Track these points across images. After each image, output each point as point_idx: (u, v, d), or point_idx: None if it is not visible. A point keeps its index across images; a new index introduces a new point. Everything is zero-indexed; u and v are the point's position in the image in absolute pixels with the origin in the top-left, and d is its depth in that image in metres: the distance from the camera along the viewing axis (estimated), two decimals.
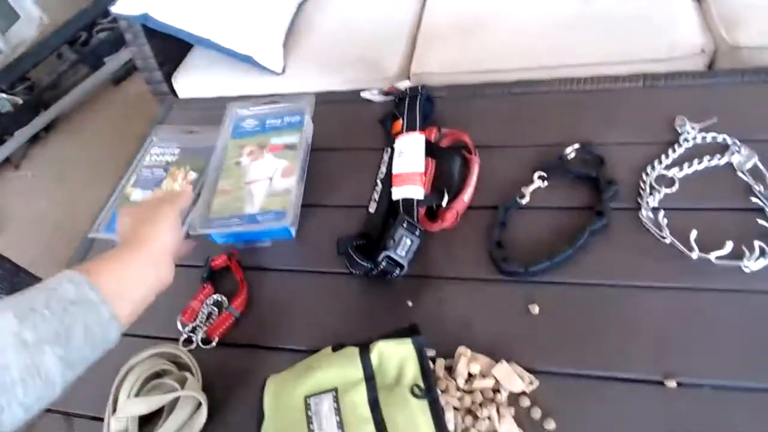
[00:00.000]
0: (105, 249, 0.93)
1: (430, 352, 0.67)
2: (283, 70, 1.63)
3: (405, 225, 0.74)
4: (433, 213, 0.80)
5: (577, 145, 0.81)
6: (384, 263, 0.74)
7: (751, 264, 0.65)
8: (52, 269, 0.54)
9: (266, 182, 0.88)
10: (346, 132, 0.99)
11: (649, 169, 0.77)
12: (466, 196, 0.80)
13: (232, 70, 1.65)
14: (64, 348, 0.48)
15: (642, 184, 0.76)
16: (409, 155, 0.80)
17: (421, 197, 0.79)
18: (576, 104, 0.90)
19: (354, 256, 0.75)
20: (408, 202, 0.80)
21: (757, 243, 0.66)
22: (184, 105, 1.18)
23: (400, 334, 0.65)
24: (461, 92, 0.99)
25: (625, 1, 1.46)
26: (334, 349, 0.66)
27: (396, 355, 0.63)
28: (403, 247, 0.73)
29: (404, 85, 0.94)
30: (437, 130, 0.89)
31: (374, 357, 0.62)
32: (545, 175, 0.81)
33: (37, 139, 2.67)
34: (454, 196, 0.80)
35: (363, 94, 1.02)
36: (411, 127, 0.79)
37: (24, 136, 2.56)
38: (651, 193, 0.75)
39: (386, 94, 1.00)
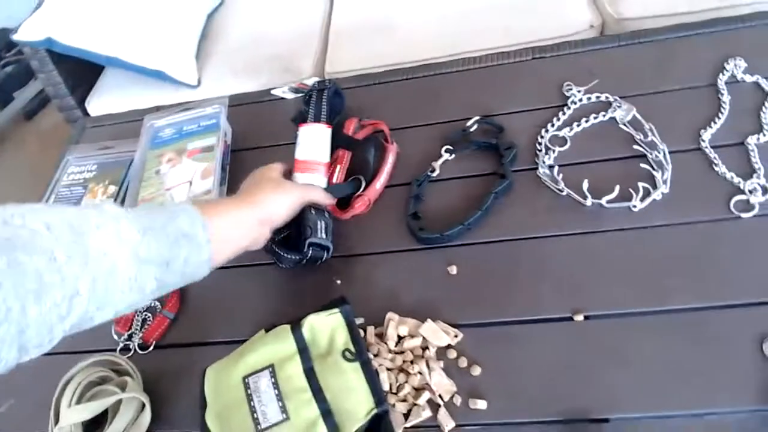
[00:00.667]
0: None
1: (360, 321, 0.71)
2: (199, 82, 1.63)
3: (312, 211, 0.76)
4: (346, 202, 0.84)
5: (477, 117, 0.87)
6: (311, 251, 0.76)
7: (638, 203, 0.72)
8: None
9: (186, 186, 0.90)
10: (262, 131, 1.02)
11: (543, 132, 0.84)
12: (379, 183, 0.84)
13: (146, 88, 1.64)
14: (164, 272, 0.53)
15: (538, 146, 0.83)
16: (312, 144, 0.82)
17: (323, 185, 0.81)
18: (475, 81, 0.96)
19: (279, 252, 0.76)
20: None
21: (641, 185, 0.73)
22: (98, 123, 1.17)
23: (329, 307, 0.68)
24: (369, 80, 1.03)
25: None
26: (267, 331, 0.68)
27: (327, 326, 0.66)
28: (321, 230, 0.76)
29: (312, 81, 0.98)
30: (357, 120, 0.93)
31: (306, 330, 0.65)
32: (452, 148, 0.86)
33: None
34: (367, 184, 0.84)
35: (274, 92, 1.05)
36: (316, 119, 0.83)
37: None
38: (546, 153, 0.81)
39: (296, 91, 1.03)
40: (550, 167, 0.79)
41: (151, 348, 0.79)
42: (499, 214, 0.78)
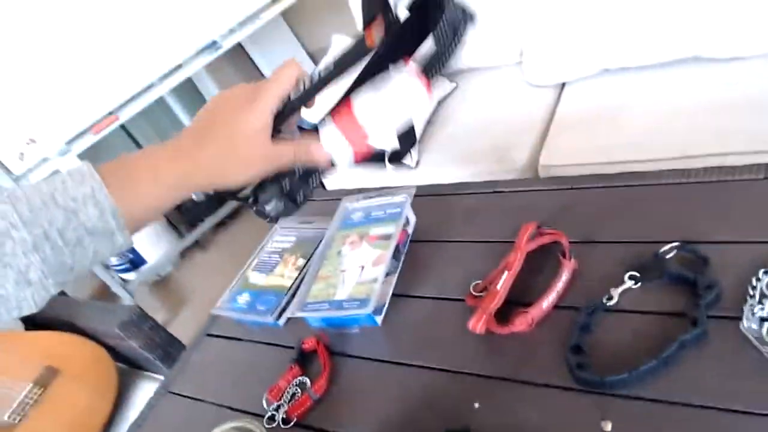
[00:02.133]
0: (226, 325, 1.05)
1: None
2: (417, 164, 1.71)
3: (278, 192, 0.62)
4: (504, 316, 0.77)
5: (676, 243, 0.74)
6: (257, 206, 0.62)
7: None
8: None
9: (358, 270, 0.93)
10: (444, 223, 1.01)
11: (761, 273, 0.67)
12: (546, 302, 0.76)
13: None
14: (67, 275, 0.49)
15: (751, 291, 0.66)
16: (392, 101, 0.60)
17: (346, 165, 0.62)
18: (683, 197, 0.82)
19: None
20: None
21: None
22: (313, 197, 1.30)
23: None
24: (560, 183, 0.96)
25: None
26: None
27: None
28: (271, 207, 0.62)
29: None
30: (535, 226, 0.87)
31: None
32: (638, 275, 0.74)
33: (222, 224, 3.09)
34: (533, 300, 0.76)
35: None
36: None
37: (212, 221, 2.98)
38: (760, 302, 0.64)
39: None
40: (761, 320, 0.62)
41: (292, 424, 0.81)
42: (680, 368, 0.63)
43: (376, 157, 0.66)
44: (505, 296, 0.78)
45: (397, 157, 0.66)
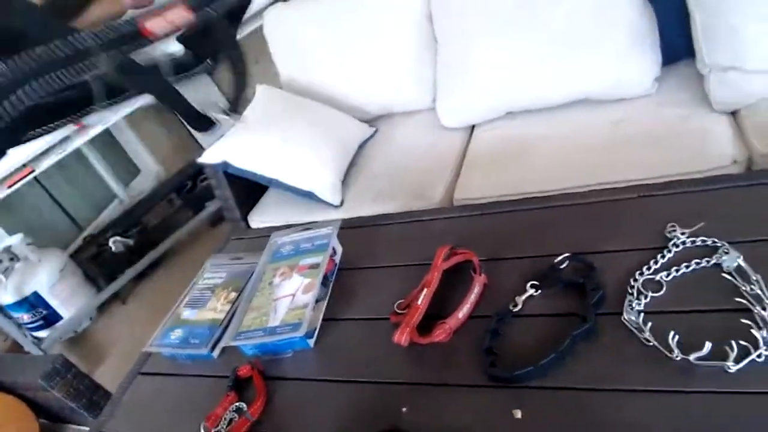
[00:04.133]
0: (158, 363, 1.06)
1: None
2: (341, 203, 1.79)
3: None
4: (425, 328, 0.85)
5: (567, 254, 0.85)
6: None
7: (732, 365, 0.64)
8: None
9: (289, 298, 0.98)
10: (369, 252, 1.09)
11: (637, 275, 0.79)
12: (461, 313, 0.85)
13: (296, 206, 1.84)
14: None
15: (630, 289, 0.78)
16: None
17: None
18: (573, 217, 0.94)
19: None
20: None
21: (739, 343, 0.65)
22: (239, 236, 1.35)
23: None
24: (470, 210, 1.07)
25: (656, 121, 1.52)
26: None
27: None
28: None
29: None
30: (449, 248, 0.96)
31: None
32: (537, 284, 0.84)
33: (143, 275, 3.01)
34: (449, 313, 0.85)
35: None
36: None
37: (132, 273, 2.90)
38: (638, 298, 0.76)
39: None
40: (638, 313, 0.73)
41: None
42: (576, 359, 0.73)
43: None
44: (425, 310, 0.87)
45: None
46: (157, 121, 3.31)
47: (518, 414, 0.70)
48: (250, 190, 2.00)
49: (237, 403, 0.89)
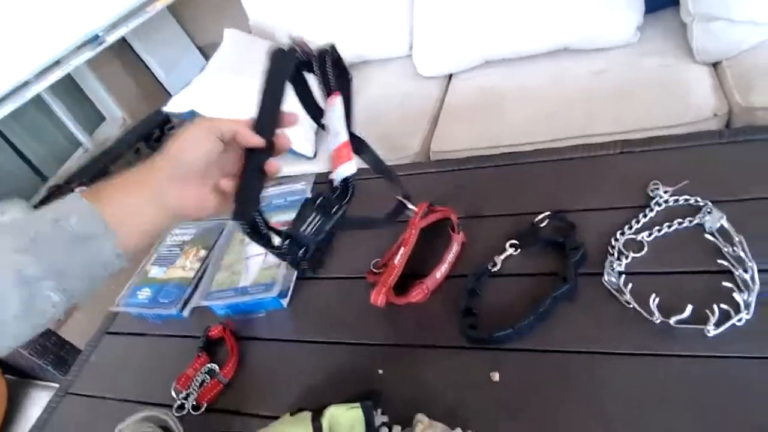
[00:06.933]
0: (126, 322, 1.03)
1: (384, 419, 0.68)
2: (315, 155, 1.74)
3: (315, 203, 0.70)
4: (402, 288, 0.83)
5: (548, 213, 0.83)
6: (285, 244, 0.67)
7: (712, 328, 0.63)
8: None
9: (261, 257, 0.95)
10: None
11: (618, 234, 0.77)
12: (439, 272, 0.82)
13: None
14: (64, 282, 0.48)
15: (610, 249, 0.76)
16: (334, 126, 0.72)
17: (354, 171, 0.73)
18: (556, 173, 0.92)
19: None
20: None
21: (720, 306, 0.64)
22: None
23: (358, 399, 0.67)
24: (451, 165, 1.03)
25: (637, 71, 1.49)
26: (293, 414, 0.68)
27: (347, 420, 0.64)
28: (308, 224, 0.69)
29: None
30: (427, 205, 0.93)
31: (324, 421, 0.64)
32: (517, 243, 0.82)
33: None
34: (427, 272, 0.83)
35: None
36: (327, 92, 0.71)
37: None
38: (618, 258, 0.74)
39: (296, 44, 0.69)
40: (620, 274, 0.72)
41: (203, 410, 0.82)
42: (555, 320, 0.72)
43: None
44: (402, 270, 0.84)
45: None
46: (121, 65, 3.15)
47: (496, 377, 0.69)
48: None
49: (209, 365, 0.87)
